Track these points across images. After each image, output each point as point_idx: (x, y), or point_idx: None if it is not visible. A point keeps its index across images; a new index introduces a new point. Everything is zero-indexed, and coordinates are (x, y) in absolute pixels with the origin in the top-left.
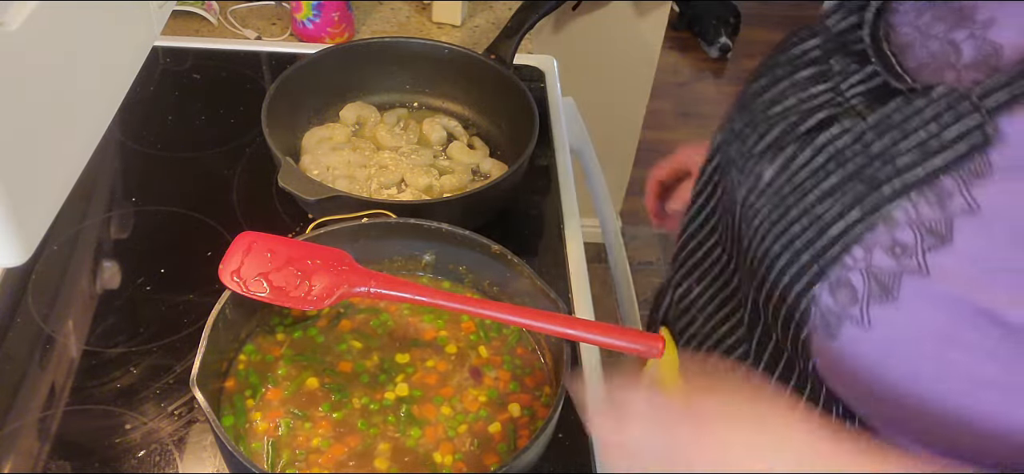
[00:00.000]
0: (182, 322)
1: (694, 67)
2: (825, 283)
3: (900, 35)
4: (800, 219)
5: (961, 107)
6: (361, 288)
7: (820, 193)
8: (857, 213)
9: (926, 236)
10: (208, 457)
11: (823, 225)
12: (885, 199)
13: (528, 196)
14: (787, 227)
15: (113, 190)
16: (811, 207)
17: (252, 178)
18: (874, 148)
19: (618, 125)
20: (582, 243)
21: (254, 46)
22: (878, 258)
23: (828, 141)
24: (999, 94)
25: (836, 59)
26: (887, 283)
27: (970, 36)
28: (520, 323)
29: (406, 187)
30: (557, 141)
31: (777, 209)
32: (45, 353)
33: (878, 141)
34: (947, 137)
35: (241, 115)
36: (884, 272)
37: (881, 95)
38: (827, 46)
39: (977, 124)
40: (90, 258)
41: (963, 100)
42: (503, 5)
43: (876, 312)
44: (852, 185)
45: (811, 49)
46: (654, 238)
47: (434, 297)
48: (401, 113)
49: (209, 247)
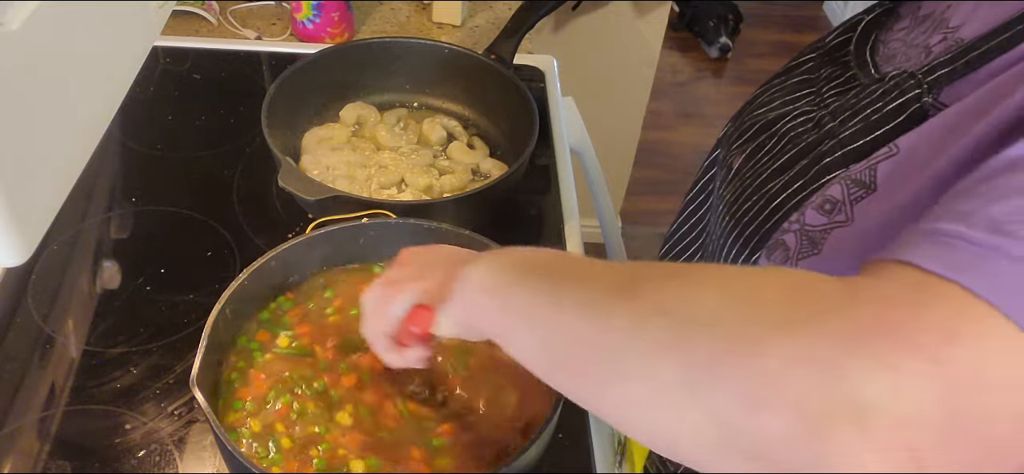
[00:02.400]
0: (182, 322)
1: (694, 67)
2: (764, 248)
3: (888, 48)
4: (752, 197)
5: (907, 85)
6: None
7: (772, 172)
8: (800, 183)
9: (853, 187)
10: (208, 457)
11: (769, 197)
12: (825, 169)
13: (528, 196)
14: (741, 205)
15: (113, 190)
16: (763, 185)
17: (252, 178)
18: (827, 128)
19: (618, 125)
20: (582, 243)
21: (254, 46)
22: (810, 217)
23: (790, 129)
24: (942, 71)
25: (825, 69)
26: (816, 238)
27: (943, 39)
28: None
29: (406, 187)
30: (557, 141)
31: (736, 191)
32: (45, 353)
33: (831, 123)
34: (887, 110)
35: (241, 115)
36: (815, 228)
37: (850, 90)
38: (821, 59)
39: (916, 95)
40: (90, 258)
41: (909, 78)
42: (503, 5)
43: (802, 266)
44: (800, 160)
45: (806, 62)
46: (654, 238)
47: None
48: (401, 113)
49: (209, 247)
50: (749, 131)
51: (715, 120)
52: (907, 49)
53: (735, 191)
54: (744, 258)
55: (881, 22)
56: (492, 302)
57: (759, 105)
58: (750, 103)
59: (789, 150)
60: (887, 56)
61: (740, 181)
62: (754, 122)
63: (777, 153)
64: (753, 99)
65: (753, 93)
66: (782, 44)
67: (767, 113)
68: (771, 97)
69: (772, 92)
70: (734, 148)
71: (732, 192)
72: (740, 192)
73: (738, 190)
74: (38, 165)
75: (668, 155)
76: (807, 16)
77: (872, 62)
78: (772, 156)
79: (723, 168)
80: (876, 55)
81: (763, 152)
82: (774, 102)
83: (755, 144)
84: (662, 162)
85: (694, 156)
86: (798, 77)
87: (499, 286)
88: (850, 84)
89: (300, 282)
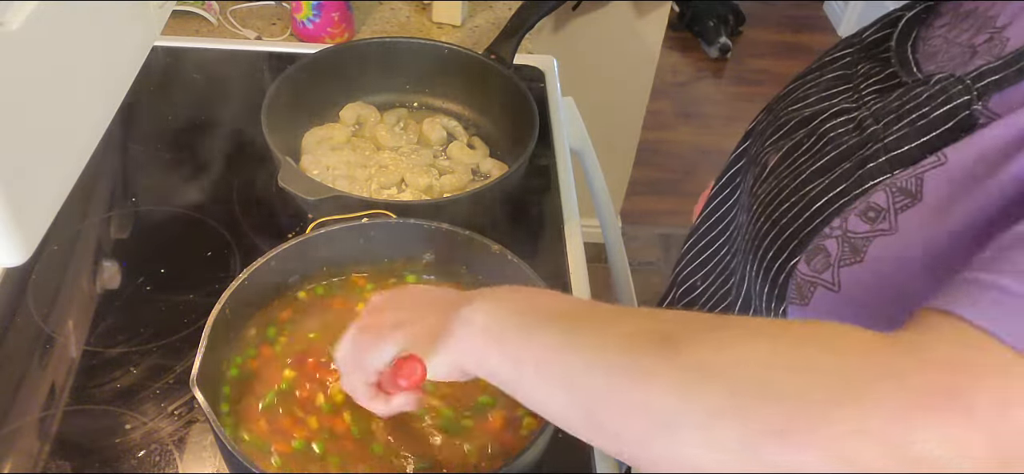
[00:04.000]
0: (182, 322)
1: (694, 67)
2: (803, 253)
3: (929, 45)
4: (790, 198)
5: (954, 90)
6: None
7: (812, 173)
8: (842, 187)
9: (898, 196)
10: (208, 457)
11: (809, 200)
12: (869, 174)
13: (528, 196)
14: (778, 207)
15: (113, 190)
16: (802, 186)
17: (252, 178)
18: (870, 131)
19: (618, 125)
20: (582, 243)
21: (254, 46)
22: (853, 223)
23: (829, 128)
24: (991, 77)
25: (863, 65)
26: (858, 245)
27: (989, 39)
28: None
29: (406, 187)
30: (557, 141)
31: (772, 191)
32: (45, 353)
33: (874, 125)
34: (935, 116)
35: (241, 115)
36: (857, 236)
37: (890, 89)
38: (858, 55)
39: (965, 102)
40: (90, 258)
41: (958, 84)
42: (503, 5)
43: (845, 274)
44: (842, 163)
45: (842, 57)
46: (654, 238)
47: None
48: (401, 113)
49: (209, 247)
50: (784, 127)
51: (715, 120)
52: (949, 47)
53: (771, 190)
54: (782, 261)
55: (921, 18)
56: (502, 350)
57: (794, 100)
58: (783, 97)
59: (829, 151)
60: (928, 54)
61: (776, 180)
62: (789, 118)
63: (816, 153)
64: (786, 93)
65: (786, 86)
66: (782, 44)
67: (803, 109)
68: (806, 92)
69: (808, 87)
70: (768, 144)
71: (768, 191)
72: (777, 192)
73: (774, 189)
74: (38, 165)
75: (668, 155)
76: (807, 16)
77: (913, 59)
78: (811, 156)
79: (756, 165)
80: (917, 53)
81: (801, 151)
82: (810, 97)
83: (792, 141)
84: (662, 162)
85: (694, 156)
86: (834, 72)
87: (507, 334)
88: (890, 81)
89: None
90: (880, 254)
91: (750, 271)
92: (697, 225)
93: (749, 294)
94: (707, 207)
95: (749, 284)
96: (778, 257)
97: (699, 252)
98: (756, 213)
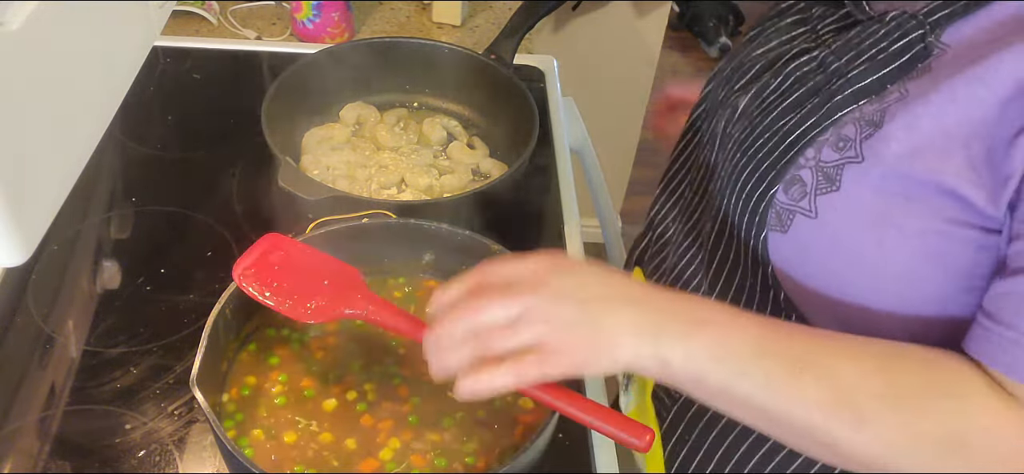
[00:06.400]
0: (182, 322)
1: (694, 67)
2: (781, 183)
3: None
4: (764, 134)
5: (908, 25)
6: (355, 311)
7: (782, 109)
8: (813, 120)
9: (864, 126)
10: (208, 457)
11: (782, 134)
12: (837, 106)
13: (528, 196)
14: (753, 142)
15: (113, 190)
16: (773, 123)
17: (252, 178)
18: (833, 67)
19: (618, 125)
20: (582, 243)
21: (254, 46)
22: (825, 153)
23: (795, 68)
24: (942, 12)
25: (817, 8)
26: (831, 174)
27: None
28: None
29: (406, 187)
30: (557, 141)
31: (746, 129)
32: (45, 353)
33: (837, 63)
34: (893, 49)
35: (241, 115)
36: (829, 164)
37: (847, 28)
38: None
39: (919, 36)
40: (90, 258)
41: (911, 19)
42: (503, 5)
43: (822, 202)
44: (810, 98)
45: (796, 5)
46: None
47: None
48: (401, 113)
49: (209, 247)
50: (750, 71)
51: None
52: None
53: (744, 129)
54: (761, 191)
55: None
56: (724, 368)
57: (756, 46)
58: (744, 45)
59: (797, 89)
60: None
61: (748, 119)
62: (753, 63)
63: (785, 91)
64: (747, 41)
65: (747, 35)
66: None
67: (766, 53)
68: (767, 38)
69: (767, 34)
70: (737, 88)
71: (741, 130)
72: (751, 130)
73: (747, 128)
74: (38, 165)
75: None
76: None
77: (867, 2)
78: (780, 95)
79: (726, 107)
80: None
81: (770, 90)
82: (771, 42)
83: (760, 83)
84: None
85: None
86: (791, 17)
87: (707, 382)
88: (845, 21)
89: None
90: (854, 180)
91: (729, 204)
92: (666, 172)
93: (727, 226)
94: (673, 153)
95: (727, 216)
96: (757, 188)
97: (669, 195)
98: (731, 151)
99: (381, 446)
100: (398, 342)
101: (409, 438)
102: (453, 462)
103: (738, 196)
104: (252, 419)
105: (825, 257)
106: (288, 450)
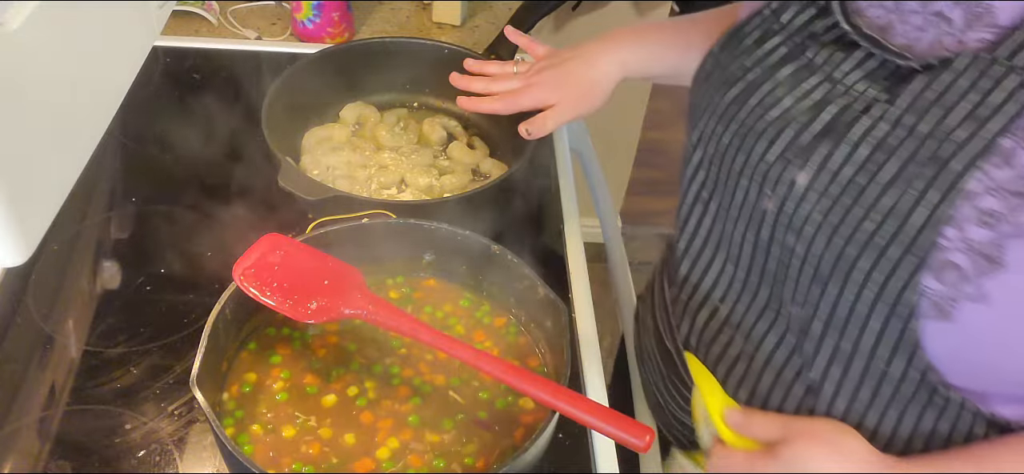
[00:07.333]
0: (182, 322)
1: None
2: (927, 270)
3: (872, 18)
4: (868, 216)
5: (992, 71)
6: (355, 311)
7: (880, 185)
8: (935, 194)
9: (1011, 198)
10: (208, 457)
11: (901, 215)
12: (957, 174)
13: (528, 196)
14: (855, 226)
15: (113, 190)
16: (875, 201)
17: (252, 178)
18: (921, 129)
19: (618, 125)
20: (582, 243)
21: (254, 46)
22: (972, 232)
23: (864, 133)
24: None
25: (812, 51)
26: (991, 254)
27: (954, 3)
28: (508, 381)
29: (406, 187)
30: (557, 141)
31: (832, 211)
32: (45, 353)
33: (921, 122)
34: (994, 102)
35: (241, 115)
36: (984, 243)
37: (891, 76)
38: (793, 41)
39: (1018, 84)
40: (90, 258)
41: (992, 65)
42: (503, 5)
43: (989, 284)
44: (917, 169)
45: (777, 47)
46: (654, 238)
47: (429, 337)
48: (401, 113)
49: (209, 247)
50: (777, 138)
51: None
52: (902, 17)
53: (823, 208)
54: (904, 281)
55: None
56: None
57: (761, 107)
58: (736, 101)
59: (887, 160)
60: (879, 28)
61: (827, 199)
62: (775, 127)
63: (867, 163)
64: (737, 96)
65: (736, 93)
66: None
67: (783, 114)
68: (773, 96)
69: (764, 88)
70: (769, 159)
71: (818, 210)
72: (840, 211)
73: (829, 207)
74: (38, 165)
75: (668, 155)
76: None
77: (878, 36)
78: (861, 168)
79: (774, 183)
80: (862, 28)
81: (839, 163)
82: (783, 101)
83: (818, 155)
84: (662, 162)
85: None
86: (784, 65)
87: None
88: (867, 63)
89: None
90: (1020, 256)
91: (835, 293)
92: (683, 253)
93: (833, 318)
94: (684, 235)
95: (835, 309)
96: (891, 278)
97: (702, 274)
98: (814, 236)
99: (379, 445)
100: (399, 342)
101: (408, 438)
102: (451, 463)
103: (861, 287)
104: (252, 415)
105: (1002, 341)
106: (287, 445)
